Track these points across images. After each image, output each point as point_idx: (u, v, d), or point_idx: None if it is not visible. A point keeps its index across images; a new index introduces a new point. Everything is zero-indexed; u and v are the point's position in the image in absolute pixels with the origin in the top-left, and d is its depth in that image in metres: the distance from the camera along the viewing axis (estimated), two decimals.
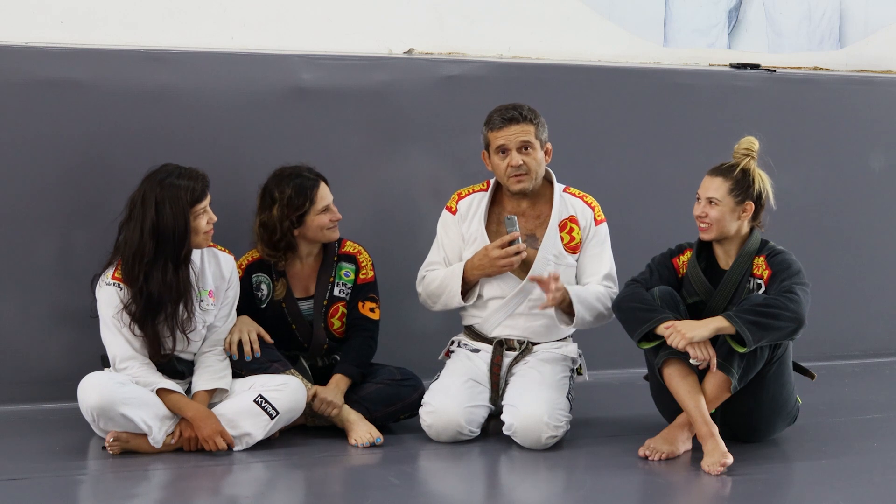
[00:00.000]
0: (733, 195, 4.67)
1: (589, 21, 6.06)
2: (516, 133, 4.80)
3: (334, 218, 4.88)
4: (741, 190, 4.67)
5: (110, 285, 4.60)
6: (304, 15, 5.56)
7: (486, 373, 4.90)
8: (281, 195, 4.82)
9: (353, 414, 4.78)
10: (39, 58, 5.06)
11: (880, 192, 6.43)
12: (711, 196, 4.67)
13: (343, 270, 4.98)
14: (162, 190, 4.55)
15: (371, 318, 4.97)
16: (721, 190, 4.67)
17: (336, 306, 4.96)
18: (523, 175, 4.83)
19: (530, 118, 4.82)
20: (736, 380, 4.54)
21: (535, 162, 4.83)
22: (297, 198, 4.81)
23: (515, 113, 4.81)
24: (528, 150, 4.82)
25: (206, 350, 4.75)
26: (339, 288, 4.97)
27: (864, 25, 6.59)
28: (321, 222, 4.86)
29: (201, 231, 4.63)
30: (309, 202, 4.82)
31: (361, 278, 4.99)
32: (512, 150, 4.81)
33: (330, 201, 4.88)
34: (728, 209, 4.67)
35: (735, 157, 4.71)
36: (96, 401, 4.45)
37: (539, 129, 4.84)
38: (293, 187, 4.82)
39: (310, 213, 4.83)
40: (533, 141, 4.81)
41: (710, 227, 4.69)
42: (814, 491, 4.46)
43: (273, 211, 4.83)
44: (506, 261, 4.80)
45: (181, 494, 4.32)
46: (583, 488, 4.49)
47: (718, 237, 4.71)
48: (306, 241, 4.91)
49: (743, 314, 4.49)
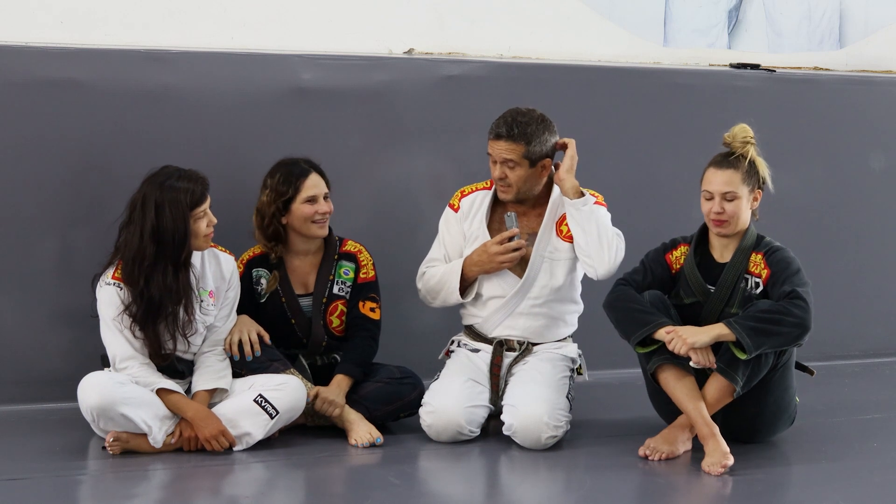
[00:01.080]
0: (747, 185, 4.63)
1: (589, 21, 6.06)
2: (501, 149, 4.79)
3: (321, 211, 4.87)
4: (751, 178, 4.63)
5: (110, 285, 4.60)
6: (304, 15, 5.57)
7: (486, 373, 4.90)
8: (271, 181, 4.89)
9: (353, 414, 4.78)
10: (39, 58, 5.06)
11: (880, 192, 6.42)
12: (728, 190, 4.59)
13: (343, 269, 4.99)
14: (162, 193, 4.55)
15: (371, 317, 4.97)
16: (735, 182, 4.59)
17: (335, 304, 4.97)
18: (506, 187, 4.83)
19: (518, 137, 4.77)
20: (739, 386, 4.52)
21: (517, 177, 4.81)
22: (283, 184, 4.85)
23: (503, 130, 4.77)
24: (510, 164, 4.79)
25: (206, 350, 4.75)
26: (339, 286, 4.98)
27: (864, 25, 6.59)
28: (305, 212, 4.86)
29: (201, 234, 4.62)
30: (293, 189, 4.85)
31: (362, 277, 4.99)
32: (497, 163, 4.81)
33: (319, 193, 4.87)
34: (745, 201, 4.64)
35: (735, 146, 4.64)
36: (96, 400, 4.45)
37: (530, 146, 4.78)
38: (282, 174, 4.88)
39: (294, 201, 4.85)
40: (516, 159, 4.78)
41: (729, 222, 4.62)
42: (814, 491, 4.45)
43: (263, 197, 4.89)
44: (505, 257, 4.80)
45: (181, 494, 4.32)
46: (583, 488, 4.49)
47: (735, 231, 4.67)
48: (295, 233, 4.91)
49: (744, 321, 4.46)
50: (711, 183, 4.63)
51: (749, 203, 4.64)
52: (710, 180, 4.64)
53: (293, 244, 4.94)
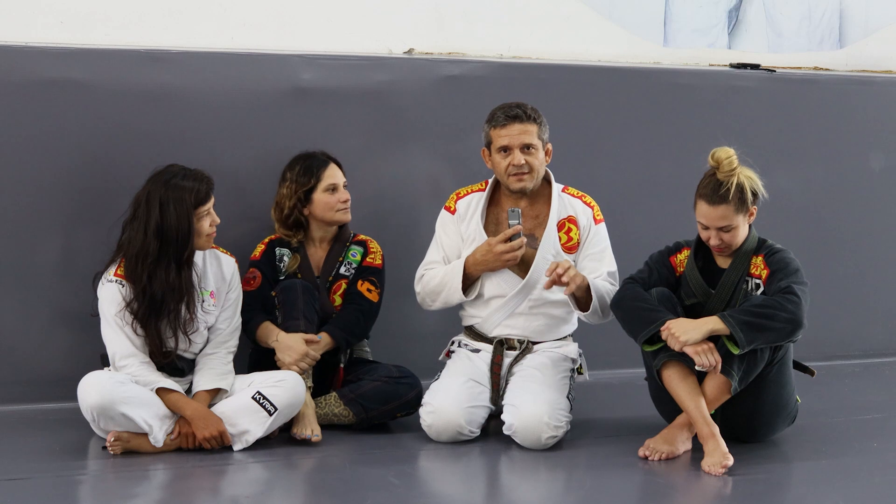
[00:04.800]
0: (741, 213, 4.63)
1: (589, 21, 6.06)
2: (519, 132, 4.80)
3: (342, 198, 5.03)
4: (743, 204, 4.63)
5: (112, 282, 4.61)
6: (304, 15, 5.57)
7: (486, 373, 4.90)
8: (291, 173, 5.04)
9: (309, 408, 4.77)
10: (39, 58, 5.06)
11: (880, 192, 6.42)
12: (724, 225, 4.60)
13: (352, 251, 5.10)
14: (167, 191, 4.57)
15: (366, 296, 5.03)
16: (729, 216, 4.58)
17: (339, 283, 5.06)
18: (525, 174, 4.83)
19: (534, 117, 4.83)
20: (736, 382, 4.53)
21: (538, 162, 4.84)
22: (304, 175, 5.01)
23: (519, 111, 4.81)
24: (531, 150, 4.82)
25: (209, 352, 4.75)
26: (346, 267, 5.08)
27: (864, 25, 6.59)
28: (328, 201, 5.00)
29: (204, 233, 4.64)
30: (315, 179, 5.00)
31: (367, 261, 5.09)
32: (515, 150, 4.81)
33: (338, 182, 5.04)
34: (742, 226, 4.64)
35: (721, 175, 4.58)
36: (96, 400, 4.45)
37: (541, 128, 4.85)
38: (302, 166, 5.03)
39: (316, 191, 5.00)
40: (535, 142, 4.82)
41: (727, 248, 4.65)
42: (814, 491, 4.46)
43: (283, 189, 5.03)
44: (510, 255, 4.80)
45: (181, 494, 4.32)
46: (583, 488, 4.49)
47: (733, 251, 4.68)
48: (316, 221, 5.04)
49: (737, 315, 4.48)
50: (705, 217, 4.63)
51: (745, 224, 4.66)
52: (703, 214, 4.63)
53: (313, 232, 5.08)
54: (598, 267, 4.90)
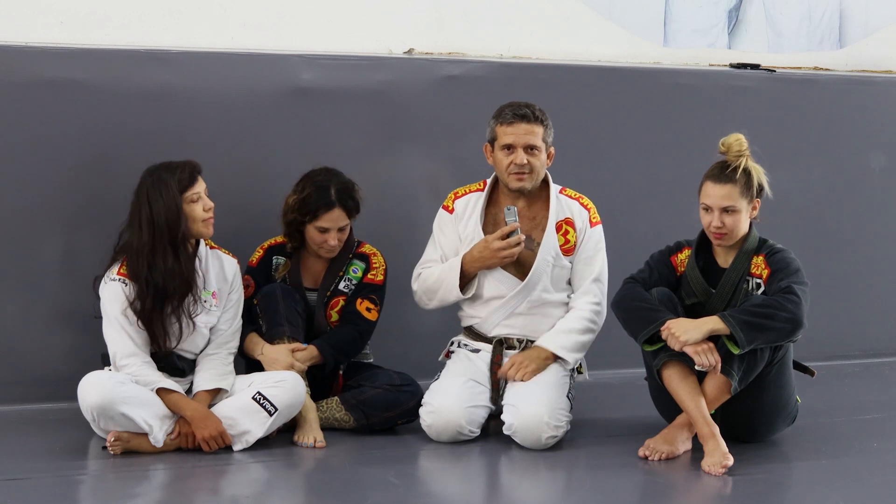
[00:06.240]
0: (745, 198, 4.63)
1: (589, 21, 6.06)
2: (525, 132, 4.80)
3: (330, 242, 4.90)
4: (749, 190, 4.63)
5: (115, 281, 4.62)
6: (304, 15, 5.57)
7: (486, 373, 4.90)
8: (299, 194, 4.91)
9: (311, 413, 4.77)
10: (39, 58, 5.06)
11: (880, 192, 6.43)
12: (728, 205, 4.59)
13: (353, 267, 5.02)
14: (153, 183, 4.61)
15: (365, 316, 4.97)
16: (734, 196, 4.59)
17: (337, 299, 4.99)
18: (525, 175, 4.83)
19: (541, 119, 4.82)
20: (736, 381, 4.53)
21: (540, 163, 4.84)
22: (304, 205, 4.88)
23: (528, 111, 4.81)
24: (534, 151, 4.82)
25: (210, 352, 4.75)
26: (345, 283, 5.00)
27: (864, 25, 6.60)
28: (315, 238, 4.91)
29: (199, 218, 4.64)
30: (311, 217, 4.88)
31: (368, 278, 5.02)
32: (518, 149, 4.81)
33: (333, 227, 4.89)
34: (744, 213, 4.65)
35: (730, 158, 4.64)
36: (96, 400, 4.45)
37: (547, 131, 4.84)
38: (309, 195, 4.88)
39: (308, 224, 4.90)
40: (539, 143, 4.81)
41: (728, 234, 4.64)
42: (813, 491, 4.46)
43: (289, 199, 4.93)
44: (507, 252, 4.80)
45: (181, 494, 4.32)
46: (583, 488, 4.49)
47: (734, 242, 4.69)
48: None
49: (737, 314, 4.48)
50: (710, 197, 4.63)
51: (748, 214, 4.65)
52: (708, 194, 4.64)
53: (310, 246, 4.98)
54: (589, 273, 4.89)
